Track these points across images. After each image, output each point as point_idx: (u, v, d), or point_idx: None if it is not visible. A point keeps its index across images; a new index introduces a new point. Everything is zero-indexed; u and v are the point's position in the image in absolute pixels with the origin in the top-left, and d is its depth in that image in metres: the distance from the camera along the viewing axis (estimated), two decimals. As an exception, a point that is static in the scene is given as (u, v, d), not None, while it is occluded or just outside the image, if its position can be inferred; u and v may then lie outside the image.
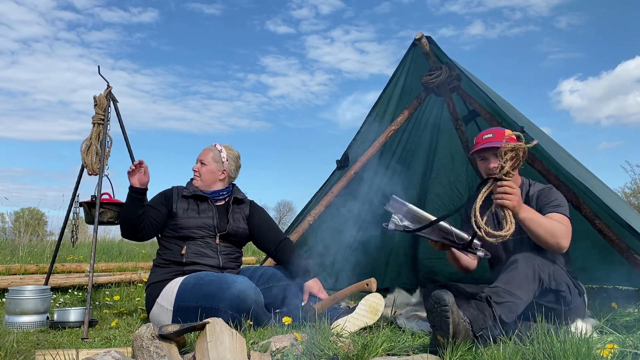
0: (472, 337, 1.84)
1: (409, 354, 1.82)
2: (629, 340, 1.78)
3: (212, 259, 2.78)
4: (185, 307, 2.54)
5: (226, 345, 1.67)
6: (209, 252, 2.78)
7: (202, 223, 2.80)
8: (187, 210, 2.83)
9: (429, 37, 3.44)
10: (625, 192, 13.42)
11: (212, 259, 2.78)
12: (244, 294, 2.48)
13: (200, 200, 2.88)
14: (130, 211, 2.76)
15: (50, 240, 8.19)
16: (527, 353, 1.67)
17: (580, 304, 2.33)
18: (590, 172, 3.71)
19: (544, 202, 2.39)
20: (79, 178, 3.32)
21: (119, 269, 5.60)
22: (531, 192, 2.47)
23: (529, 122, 3.48)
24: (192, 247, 2.76)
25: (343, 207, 4.15)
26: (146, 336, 1.71)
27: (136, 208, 2.76)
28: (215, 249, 2.81)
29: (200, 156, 2.97)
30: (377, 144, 3.68)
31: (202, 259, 2.75)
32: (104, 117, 3.20)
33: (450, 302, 1.80)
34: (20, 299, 2.92)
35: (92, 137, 3.20)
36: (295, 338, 1.98)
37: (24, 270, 4.88)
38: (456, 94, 3.66)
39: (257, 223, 3.00)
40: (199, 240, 2.78)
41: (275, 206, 34.37)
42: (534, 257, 2.13)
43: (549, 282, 2.14)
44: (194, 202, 2.87)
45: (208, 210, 2.86)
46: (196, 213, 2.82)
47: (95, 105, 3.21)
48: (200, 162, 2.95)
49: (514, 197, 2.09)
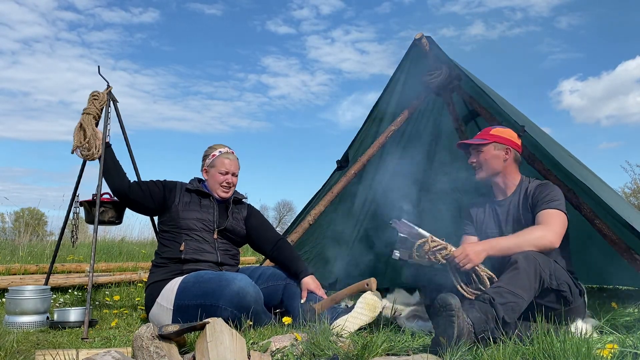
0: (473, 339, 1.84)
1: (408, 354, 1.82)
2: (629, 340, 1.78)
3: (210, 254, 2.80)
4: (185, 306, 2.55)
5: (226, 345, 1.67)
6: (207, 248, 2.80)
7: (202, 216, 2.84)
8: (189, 203, 2.87)
9: (429, 37, 3.44)
10: (625, 192, 13.42)
11: (210, 255, 2.80)
12: (243, 291, 2.49)
13: (203, 197, 2.92)
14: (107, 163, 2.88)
15: (50, 240, 8.18)
16: (527, 353, 1.67)
17: (580, 304, 2.33)
18: (591, 171, 3.71)
19: (538, 198, 2.40)
20: (79, 178, 3.31)
21: (119, 269, 5.59)
22: (529, 189, 2.49)
23: (529, 122, 3.48)
24: (191, 244, 2.77)
25: (343, 206, 4.15)
26: (146, 336, 1.71)
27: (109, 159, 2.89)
28: (214, 245, 2.83)
29: (232, 168, 2.96)
30: (377, 144, 3.69)
31: (200, 254, 2.77)
32: (100, 111, 3.14)
33: (457, 306, 1.80)
34: (20, 299, 2.92)
35: (86, 127, 3.02)
36: (295, 338, 1.98)
37: (24, 270, 4.88)
38: (456, 94, 3.66)
39: (255, 224, 3.04)
40: (197, 234, 2.79)
41: (275, 206, 34.40)
42: (536, 256, 2.13)
43: (550, 282, 2.14)
44: (196, 197, 2.91)
45: (209, 207, 2.90)
46: (198, 207, 2.87)
47: (95, 100, 3.17)
48: (233, 174, 2.96)
49: (467, 257, 2.16)
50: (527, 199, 2.46)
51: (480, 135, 2.58)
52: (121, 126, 3.39)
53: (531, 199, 2.44)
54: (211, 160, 2.97)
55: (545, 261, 2.15)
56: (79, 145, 2.87)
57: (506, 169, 2.54)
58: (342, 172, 3.76)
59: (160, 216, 2.95)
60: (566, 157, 3.26)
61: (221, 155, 2.97)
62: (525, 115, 3.68)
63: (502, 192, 2.59)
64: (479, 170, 2.56)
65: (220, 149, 3.01)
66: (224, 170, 2.92)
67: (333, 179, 3.81)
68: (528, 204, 2.44)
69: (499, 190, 2.60)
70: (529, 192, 2.47)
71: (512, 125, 3.11)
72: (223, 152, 2.98)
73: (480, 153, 2.53)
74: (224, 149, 3.02)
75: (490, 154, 2.52)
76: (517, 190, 2.53)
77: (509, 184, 2.55)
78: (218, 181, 2.92)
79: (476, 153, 2.55)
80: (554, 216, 2.30)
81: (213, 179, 2.94)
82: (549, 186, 2.45)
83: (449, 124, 4.00)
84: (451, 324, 1.78)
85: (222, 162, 2.93)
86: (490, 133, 2.56)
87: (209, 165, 2.97)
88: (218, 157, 2.96)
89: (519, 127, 2.98)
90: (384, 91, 3.73)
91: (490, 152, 2.52)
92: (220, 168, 2.92)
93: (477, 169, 2.56)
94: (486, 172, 2.55)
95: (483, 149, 2.53)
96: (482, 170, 2.55)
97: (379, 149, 3.73)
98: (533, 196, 2.43)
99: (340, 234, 4.37)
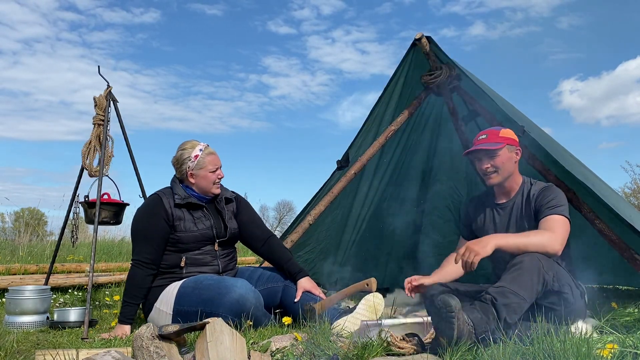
0: (474, 340, 1.84)
1: (409, 354, 1.82)
2: (629, 340, 1.78)
3: (212, 266, 2.74)
4: (184, 311, 2.53)
5: (226, 345, 1.67)
6: (208, 259, 2.74)
7: (200, 236, 2.70)
8: (183, 221, 2.68)
9: (429, 37, 3.44)
10: (625, 192, 13.41)
11: (212, 267, 2.74)
12: (243, 298, 2.46)
13: (195, 209, 2.74)
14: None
15: (50, 240, 8.18)
16: (527, 353, 1.67)
17: (581, 305, 2.33)
18: (591, 171, 3.71)
19: (542, 202, 2.37)
20: (79, 178, 3.32)
21: (119, 269, 5.59)
22: (532, 192, 2.46)
23: (529, 122, 3.48)
24: (191, 257, 2.71)
25: (343, 206, 4.15)
26: (146, 336, 1.71)
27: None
28: (215, 255, 2.77)
29: (219, 162, 2.80)
30: (377, 144, 3.68)
31: (201, 268, 2.71)
32: (103, 117, 3.20)
33: (457, 308, 1.79)
34: (20, 299, 2.92)
35: (92, 139, 3.20)
36: (295, 338, 1.98)
37: (24, 270, 4.88)
38: (456, 94, 3.66)
39: (245, 220, 2.92)
40: (198, 250, 2.72)
41: (275, 206, 34.34)
42: (540, 258, 2.12)
43: (553, 284, 2.13)
44: (188, 212, 2.71)
45: (204, 218, 2.75)
46: (192, 224, 2.69)
47: (95, 106, 3.21)
48: (220, 167, 2.80)
49: (473, 251, 2.09)
50: (530, 202, 2.44)
51: (490, 139, 2.49)
52: (121, 126, 3.40)
53: (534, 204, 2.41)
54: (195, 163, 2.73)
55: (549, 263, 2.15)
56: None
57: (514, 171, 2.52)
58: (342, 172, 3.76)
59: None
60: (566, 157, 3.26)
61: (204, 153, 2.75)
62: (525, 115, 3.68)
63: (506, 194, 2.56)
64: (493, 175, 2.48)
65: (199, 147, 2.76)
66: (213, 168, 2.74)
67: (333, 179, 3.81)
68: (531, 208, 2.42)
69: (501, 193, 2.57)
70: (532, 195, 2.44)
71: (512, 125, 3.11)
72: (204, 150, 2.76)
73: (496, 157, 2.46)
74: (200, 145, 2.77)
75: (505, 156, 2.46)
76: (519, 192, 2.51)
77: (514, 186, 2.53)
78: (212, 180, 2.75)
79: (489, 158, 2.46)
80: (559, 223, 2.28)
81: (205, 180, 2.74)
82: (553, 190, 2.42)
83: (449, 124, 3.99)
84: (451, 324, 1.77)
85: (210, 160, 2.75)
86: (500, 135, 2.50)
87: (195, 168, 2.73)
88: (202, 156, 2.74)
89: (518, 127, 2.98)
90: (384, 91, 3.73)
91: (505, 155, 2.46)
92: (210, 166, 2.73)
93: (491, 173, 2.48)
94: (502, 176, 2.48)
95: (499, 152, 2.46)
96: (498, 174, 2.47)
97: (379, 149, 3.72)
98: (536, 200, 2.41)
99: (341, 234, 4.37)
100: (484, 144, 2.47)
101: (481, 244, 2.12)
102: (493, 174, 2.48)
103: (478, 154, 2.50)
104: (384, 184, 4.34)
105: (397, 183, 4.38)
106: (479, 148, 2.47)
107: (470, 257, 2.09)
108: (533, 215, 2.41)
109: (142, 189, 3.53)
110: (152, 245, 2.63)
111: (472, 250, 2.10)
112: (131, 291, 2.61)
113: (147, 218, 2.69)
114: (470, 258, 2.09)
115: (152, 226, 2.65)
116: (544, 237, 2.22)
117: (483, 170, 2.49)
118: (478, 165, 2.53)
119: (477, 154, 2.50)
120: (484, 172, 2.49)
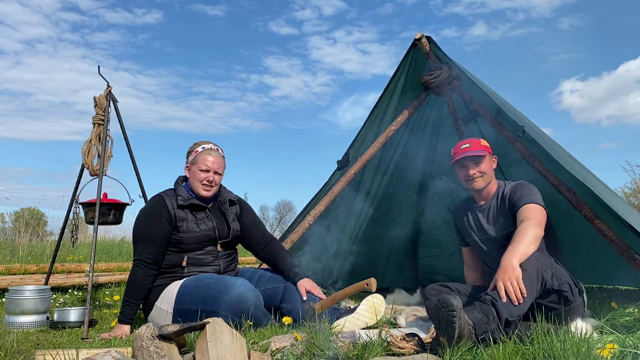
0: (474, 340, 1.84)
1: (409, 353, 1.82)
2: (629, 340, 1.78)
3: (213, 266, 2.75)
4: (185, 310, 2.53)
5: (226, 345, 1.67)
6: (210, 259, 2.75)
7: (202, 237, 2.70)
8: (186, 222, 2.68)
9: (429, 37, 3.44)
10: (625, 192, 13.41)
11: (213, 267, 2.75)
12: (243, 297, 2.47)
13: (197, 210, 2.75)
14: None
15: (50, 240, 8.17)
16: (527, 353, 1.67)
17: (580, 304, 2.34)
18: (591, 172, 3.71)
19: (517, 197, 2.52)
20: (79, 178, 3.33)
21: (119, 269, 5.60)
22: (505, 192, 2.63)
23: (529, 122, 3.48)
24: (193, 257, 2.72)
25: (343, 206, 4.15)
26: (146, 336, 1.71)
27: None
28: (216, 256, 2.78)
29: (215, 166, 2.75)
30: (377, 144, 3.68)
31: (203, 267, 2.72)
32: (103, 117, 3.20)
33: (458, 307, 1.80)
34: (20, 299, 2.92)
35: (93, 137, 3.21)
36: (295, 338, 1.98)
37: (24, 270, 4.88)
38: (456, 94, 3.66)
39: (247, 222, 2.94)
40: (200, 251, 2.73)
41: (275, 206, 34.37)
42: (537, 257, 2.13)
43: (552, 283, 2.15)
44: (189, 211, 2.72)
45: (206, 219, 2.75)
46: (195, 224, 2.70)
47: (95, 106, 3.21)
48: (215, 173, 2.76)
49: (511, 275, 2.04)
50: (505, 200, 2.60)
51: (473, 147, 2.67)
52: (121, 126, 3.40)
53: (508, 200, 2.58)
54: (193, 157, 2.77)
55: (547, 262, 2.17)
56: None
57: (493, 176, 2.72)
58: (342, 172, 3.76)
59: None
60: (566, 157, 3.26)
61: (204, 151, 2.76)
62: (525, 116, 3.68)
63: (484, 197, 2.72)
64: (479, 180, 2.65)
65: (204, 145, 2.80)
66: (204, 168, 2.72)
67: (333, 179, 3.81)
68: (505, 205, 2.59)
69: (480, 196, 2.73)
70: (505, 194, 2.62)
71: (512, 125, 3.12)
72: (206, 149, 2.78)
73: (481, 163, 2.64)
74: (208, 145, 2.81)
75: (488, 163, 2.68)
76: (495, 195, 2.69)
77: (491, 190, 2.70)
78: (198, 179, 2.72)
79: (475, 164, 2.64)
80: (534, 209, 2.41)
81: (194, 176, 2.74)
82: (524, 185, 2.59)
83: (449, 124, 3.99)
84: (452, 324, 1.78)
85: (205, 159, 2.73)
86: (482, 144, 2.69)
87: (191, 162, 2.78)
88: (200, 153, 2.76)
89: (518, 127, 2.98)
90: (384, 91, 3.73)
91: (488, 161, 2.68)
92: (201, 165, 2.72)
93: (477, 178, 2.65)
94: (485, 181, 2.66)
95: (483, 160, 2.65)
96: (483, 179, 2.65)
97: (379, 148, 3.72)
98: (510, 197, 2.58)
99: (341, 234, 4.37)
100: (471, 152, 2.64)
101: (510, 268, 2.07)
102: (479, 178, 2.65)
103: (464, 161, 2.66)
104: (384, 184, 4.34)
105: (396, 183, 4.38)
106: (468, 155, 2.64)
107: (513, 282, 2.02)
108: (509, 211, 2.56)
109: (142, 189, 3.53)
110: (154, 246, 2.64)
111: (510, 277, 2.04)
112: (132, 291, 2.62)
113: (149, 219, 2.69)
114: (513, 283, 2.02)
115: (154, 227, 2.66)
116: (527, 230, 2.27)
117: (469, 175, 2.65)
118: (463, 171, 2.69)
119: (464, 161, 2.66)
120: (470, 178, 2.65)
